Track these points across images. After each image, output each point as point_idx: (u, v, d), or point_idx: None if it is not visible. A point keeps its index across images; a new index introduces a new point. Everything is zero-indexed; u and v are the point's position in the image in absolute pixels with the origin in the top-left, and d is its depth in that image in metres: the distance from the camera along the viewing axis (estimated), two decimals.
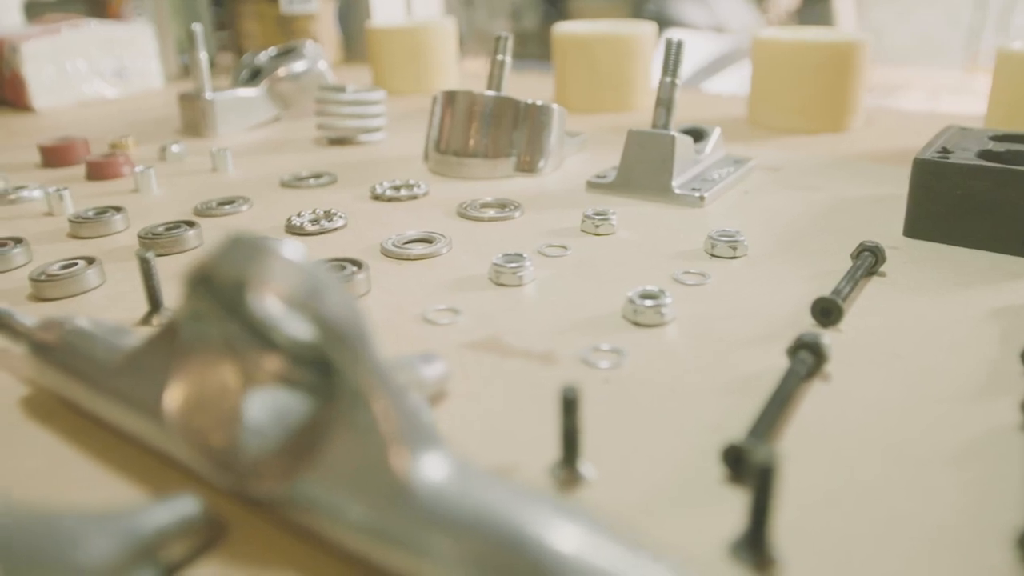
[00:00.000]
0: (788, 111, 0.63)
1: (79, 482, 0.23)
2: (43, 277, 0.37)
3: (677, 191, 0.46)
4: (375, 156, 0.60)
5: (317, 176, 0.53)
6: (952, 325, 0.31)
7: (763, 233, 0.41)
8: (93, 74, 0.86)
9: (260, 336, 0.22)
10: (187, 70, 1.02)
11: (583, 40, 0.70)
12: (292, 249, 0.19)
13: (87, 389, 0.24)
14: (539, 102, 0.52)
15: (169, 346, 0.22)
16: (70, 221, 0.45)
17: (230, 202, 0.48)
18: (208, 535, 0.20)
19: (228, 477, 0.20)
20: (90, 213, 0.45)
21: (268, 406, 0.21)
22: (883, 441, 0.24)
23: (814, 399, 0.26)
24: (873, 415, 0.25)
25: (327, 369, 0.21)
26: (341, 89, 0.62)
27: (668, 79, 0.46)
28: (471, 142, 0.52)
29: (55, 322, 0.27)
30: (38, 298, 0.36)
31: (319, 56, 0.74)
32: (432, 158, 0.54)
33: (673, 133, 0.46)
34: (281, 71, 0.71)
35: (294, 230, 0.42)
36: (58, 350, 0.25)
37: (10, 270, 0.40)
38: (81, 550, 0.16)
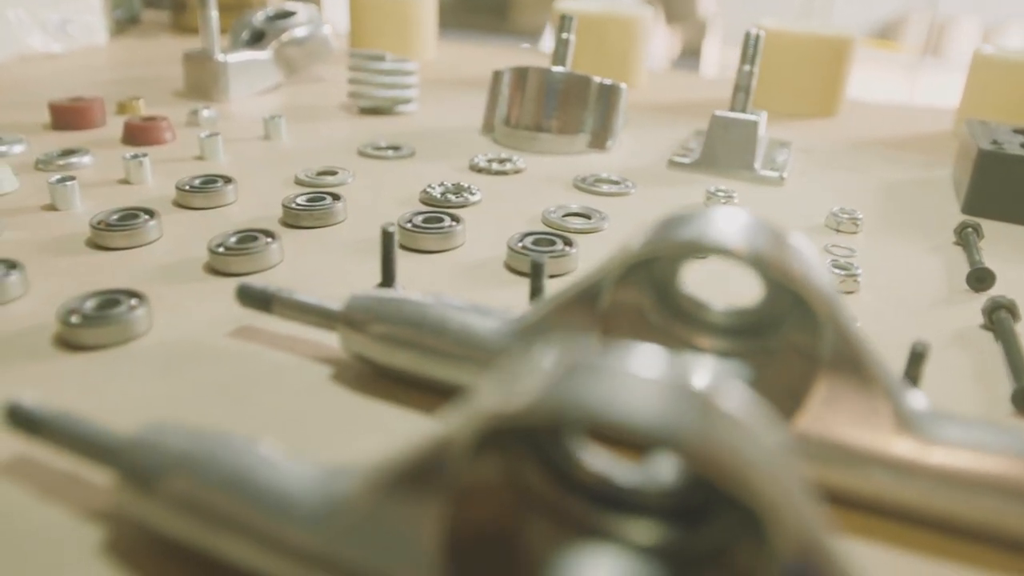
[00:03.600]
0: (786, 96, 0.70)
1: None
2: (221, 250, 0.35)
3: (761, 172, 0.50)
4: (423, 126, 0.60)
5: (395, 147, 0.53)
6: None
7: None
8: (36, 26, 0.78)
9: (681, 311, 0.24)
10: (121, 26, 0.94)
11: (594, 19, 0.73)
12: (769, 223, 0.22)
13: (460, 361, 0.25)
14: (608, 81, 0.54)
15: (586, 315, 0.23)
16: (178, 190, 0.42)
17: (332, 172, 0.47)
18: None
19: None
20: (196, 183, 0.43)
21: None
22: None
23: None
24: None
25: (754, 334, 0.24)
26: (380, 58, 0.61)
27: (747, 67, 0.51)
28: (544, 117, 0.54)
29: (366, 299, 0.27)
30: (218, 271, 0.35)
31: (320, 21, 0.72)
32: (500, 131, 0.56)
33: (756, 118, 0.50)
34: (285, 35, 0.69)
35: (435, 202, 0.43)
36: (406, 326, 0.26)
37: (146, 244, 0.38)
38: None
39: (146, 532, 0.19)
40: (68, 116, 0.55)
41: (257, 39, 0.69)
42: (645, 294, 0.24)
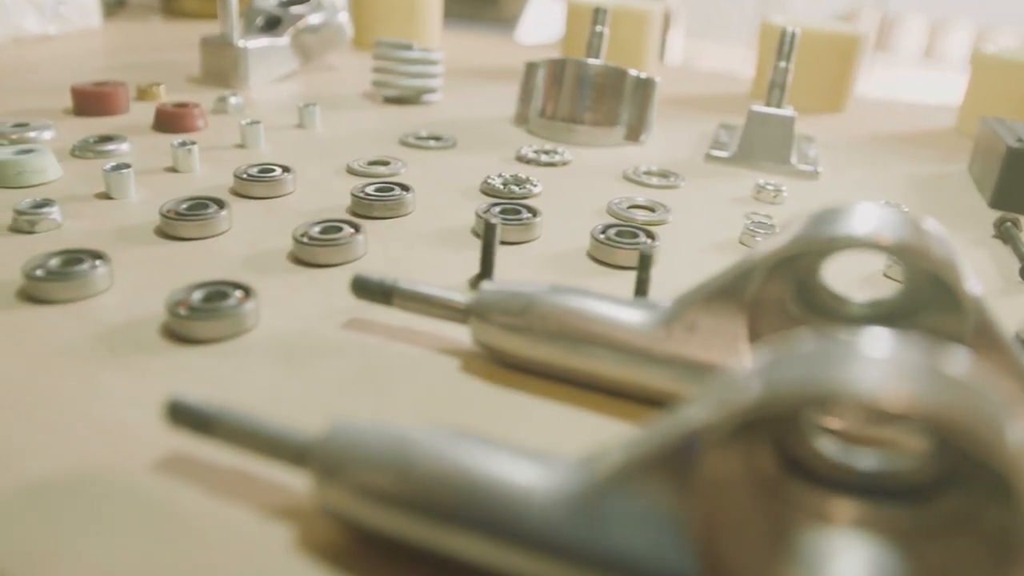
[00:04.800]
0: (797, 91, 0.71)
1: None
2: (306, 240, 0.35)
3: (798, 166, 0.52)
4: (451, 116, 0.60)
5: (437, 138, 0.53)
6: None
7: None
8: (31, 7, 0.75)
9: (821, 304, 0.25)
10: (111, 9, 0.92)
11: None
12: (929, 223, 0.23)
13: (606, 351, 0.25)
14: (643, 75, 0.55)
15: (731, 307, 0.24)
16: (236, 178, 0.42)
17: (384, 163, 0.47)
18: None
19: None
20: (254, 171, 0.42)
21: None
22: None
23: None
24: None
25: (892, 323, 0.25)
26: (408, 47, 0.61)
27: (783, 64, 0.52)
28: (582, 109, 0.54)
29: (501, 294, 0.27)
30: (303, 262, 0.35)
31: (335, 8, 0.71)
32: (535, 122, 0.56)
33: (793, 113, 0.52)
34: (302, 23, 0.68)
35: (498, 193, 0.43)
36: (548, 318, 0.26)
37: (218, 234, 0.37)
38: None
39: (349, 529, 0.19)
40: (93, 101, 0.54)
41: (272, 25, 0.67)
42: (787, 287, 0.25)
